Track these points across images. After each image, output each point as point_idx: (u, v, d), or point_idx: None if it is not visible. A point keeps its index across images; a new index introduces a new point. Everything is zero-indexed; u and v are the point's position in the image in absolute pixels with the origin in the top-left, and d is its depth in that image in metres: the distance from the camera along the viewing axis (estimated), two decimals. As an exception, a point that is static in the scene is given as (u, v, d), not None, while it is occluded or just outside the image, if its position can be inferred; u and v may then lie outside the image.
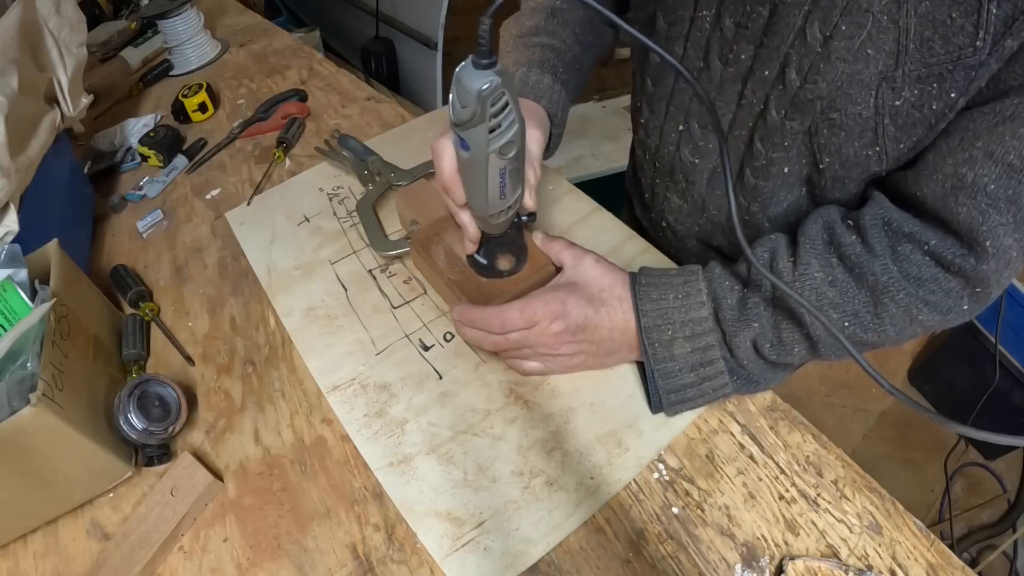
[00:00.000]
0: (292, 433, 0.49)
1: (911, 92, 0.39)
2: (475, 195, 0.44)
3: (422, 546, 0.42)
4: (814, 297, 0.42)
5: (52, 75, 0.68)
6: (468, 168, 0.42)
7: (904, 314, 0.41)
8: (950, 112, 0.38)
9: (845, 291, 0.42)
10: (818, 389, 1.57)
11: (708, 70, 0.49)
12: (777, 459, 0.44)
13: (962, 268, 0.38)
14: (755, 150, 0.49)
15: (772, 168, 0.49)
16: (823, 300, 0.42)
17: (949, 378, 1.47)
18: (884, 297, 0.41)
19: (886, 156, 0.43)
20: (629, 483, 0.44)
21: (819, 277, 0.42)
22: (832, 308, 0.42)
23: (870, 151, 0.43)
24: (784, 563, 0.39)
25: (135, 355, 0.54)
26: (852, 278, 0.42)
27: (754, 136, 0.48)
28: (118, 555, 0.42)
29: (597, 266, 0.48)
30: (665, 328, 0.45)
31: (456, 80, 0.36)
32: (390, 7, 1.83)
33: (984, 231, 0.36)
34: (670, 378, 0.45)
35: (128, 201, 0.75)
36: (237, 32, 1.07)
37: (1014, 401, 1.30)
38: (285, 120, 0.80)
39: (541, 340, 0.46)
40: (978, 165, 0.36)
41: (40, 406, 0.39)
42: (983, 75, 0.36)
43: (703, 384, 0.45)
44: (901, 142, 0.42)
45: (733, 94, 0.48)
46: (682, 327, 0.45)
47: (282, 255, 0.63)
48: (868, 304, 0.41)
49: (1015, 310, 1.27)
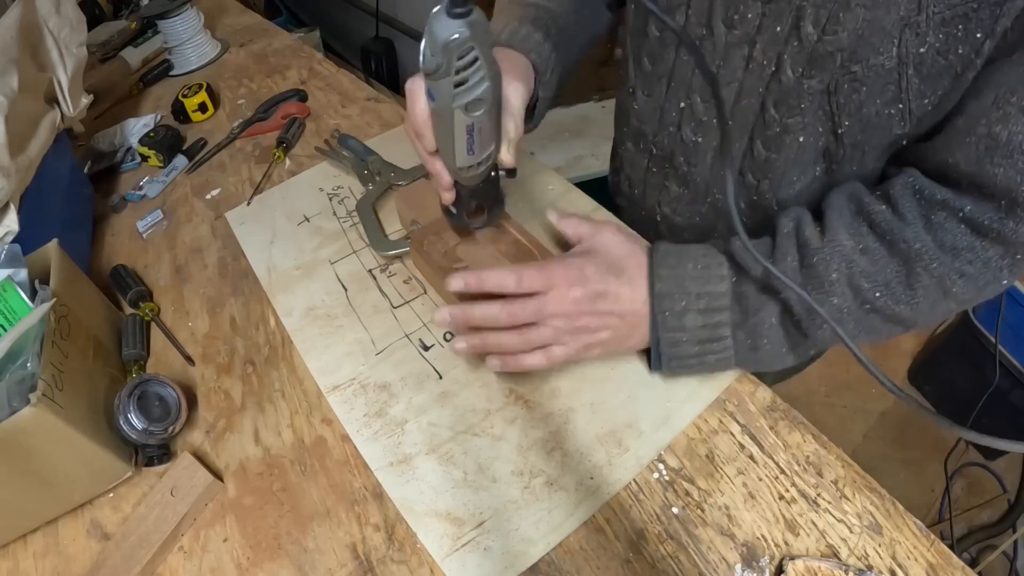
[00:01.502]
0: (292, 433, 0.49)
1: (935, 37, 0.37)
2: (443, 147, 0.42)
3: (422, 546, 0.42)
4: (844, 266, 0.41)
5: (52, 75, 0.68)
6: (436, 119, 0.40)
7: (937, 286, 0.40)
8: (976, 58, 0.37)
9: (876, 259, 0.40)
10: (818, 389, 1.57)
11: (712, 36, 0.47)
12: (777, 459, 0.44)
13: (1001, 233, 0.37)
14: (768, 117, 0.47)
15: (786, 137, 0.47)
16: (854, 269, 0.41)
17: (949, 378, 1.46)
18: (917, 266, 0.39)
19: (909, 115, 0.41)
20: (629, 483, 0.44)
21: (849, 245, 0.41)
22: (863, 277, 0.41)
23: (892, 108, 0.41)
24: (784, 563, 0.39)
25: (135, 355, 0.54)
26: (883, 246, 0.41)
27: (766, 102, 0.46)
28: (118, 555, 0.42)
29: (618, 234, 0.47)
30: (680, 297, 0.43)
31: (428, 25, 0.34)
32: (390, 7, 1.84)
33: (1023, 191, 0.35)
34: (675, 346, 0.44)
35: (128, 201, 0.75)
36: (237, 32, 1.07)
37: (1014, 401, 1.30)
38: (285, 120, 0.80)
39: (561, 308, 0.43)
40: (1012, 122, 0.35)
41: (40, 406, 0.39)
42: (1009, 12, 0.35)
43: (706, 356, 0.44)
44: (925, 96, 0.40)
45: (739, 59, 0.46)
46: (697, 299, 0.43)
47: (282, 255, 0.63)
48: (900, 273, 0.40)
49: (1015, 310, 1.27)
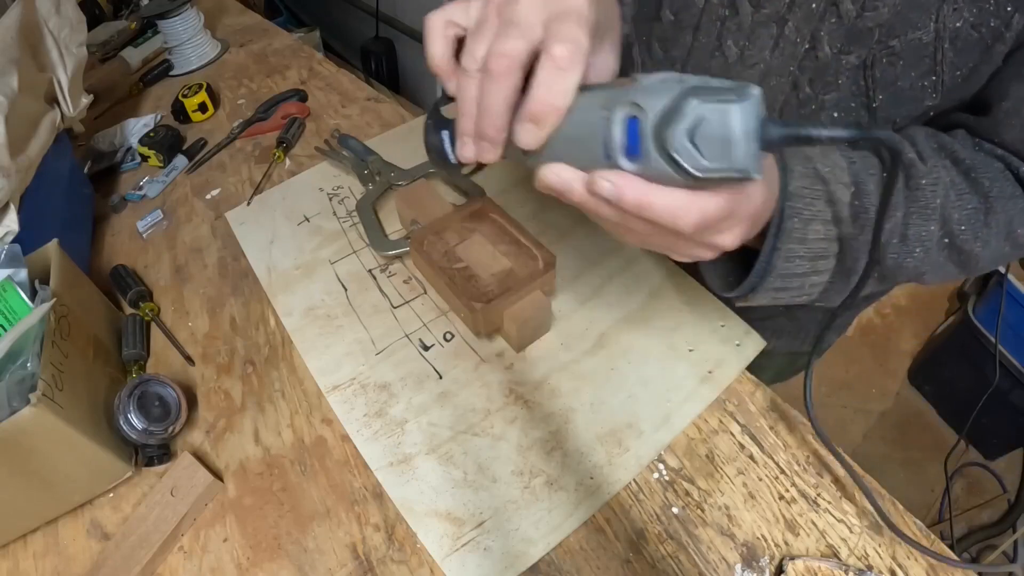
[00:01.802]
0: (292, 433, 0.49)
1: (969, 11, 0.38)
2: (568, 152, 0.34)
3: (422, 546, 0.42)
4: (943, 192, 0.40)
5: (52, 75, 0.68)
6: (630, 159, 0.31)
7: (1005, 227, 0.40)
8: (1007, 31, 0.37)
9: (962, 193, 0.40)
10: (818, 389, 1.57)
11: (736, 16, 0.45)
12: (777, 459, 0.44)
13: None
14: (803, 96, 0.46)
15: (821, 114, 0.46)
16: (950, 196, 0.40)
17: (949, 378, 1.46)
18: (996, 204, 0.40)
19: (941, 87, 0.42)
20: (629, 483, 0.44)
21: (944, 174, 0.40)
22: (953, 208, 0.40)
23: (926, 81, 0.42)
24: (784, 563, 0.39)
25: (135, 355, 0.54)
26: (966, 181, 0.41)
27: (799, 80, 0.45)
28: (118, 555, 0.42)
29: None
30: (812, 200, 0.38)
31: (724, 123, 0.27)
32: (390, 7, 1.84)
33: None
34: (790, 260, 0.39)
35: (128, 201, 0.75)
36: (237, 32, 1.07)
37: (1014, 401, 1.30)
38: (285, 120, 0.80)
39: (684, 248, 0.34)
40: None
41: (40, 406, 0.39)
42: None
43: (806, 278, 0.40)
44: (958, 68, 0.40)
45: (767, 39, 0.45)
46: (827, 205, 0.39)
47: (282, 255, 0.63)
48: (980, 209, 0.40)
49: (1015, 310, 1.27)
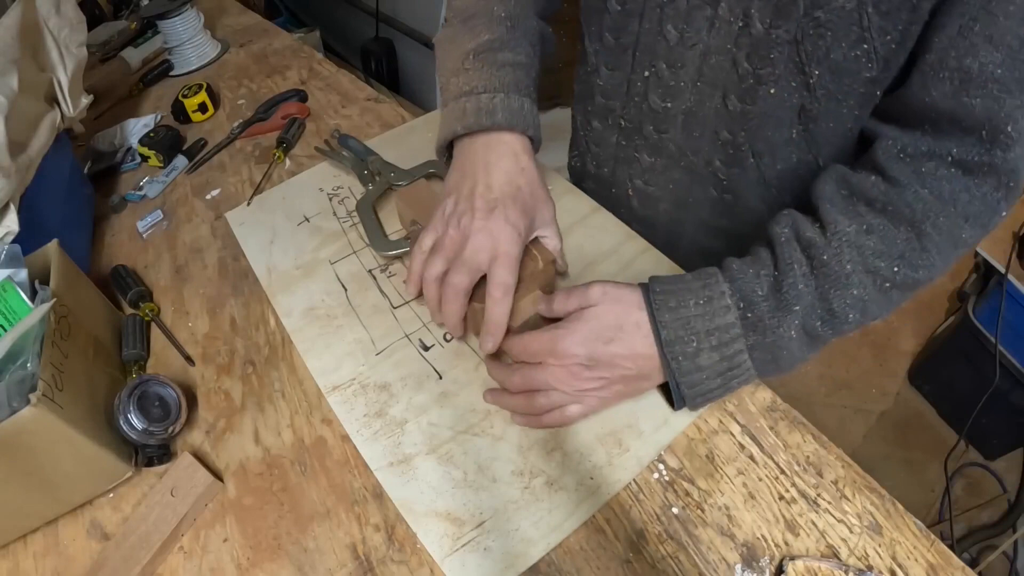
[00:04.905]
0: (292, 433, 0.49)
1: None
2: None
3: (422, 546, 0.42)
4: (855, 253, 0.41)
5: (52, 75, 0.68)
6: None
7: (948, 239, 0.40)
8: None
9: (885, 235, 0.41)
10: (818, 389, 1.57)
11: (673, 2, 0.49)
12: (777, 459, 0.44)
13: (991, 164, 0.38)
14: (742, 71, 0.48)
15: (759, 88, 0.48)
16: (865, 252, 0.41)
17: (949, 378, 1.46)
18: (925, 226, 0.40)
19: (875, 55, 0.42)
20: (629, 483, 0.44)
21: (853, 231, 0.41)
22: (877, 257, 0.41)
23: (858, 50, 0.43)
24: (784, 563, 0.39)
25: (135, 355, 0.54)
26: (887, 219, 0.41)
27: (737, 57, 0.47)
28: (118, 555, 0.42)
29: (604, 297, 0.45)
30: (689, 340, 0.42)
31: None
32: (390, 7, 1.83)
33: (1003, 117, 0.37)
34: (696, 386, 0.43)
35: (128, 201, 0.75)
36: (237, 32, 1.07)
37: (1014, 401, 1.30)
38: (285, 120, 0.80)
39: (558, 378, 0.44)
40: (980, 52, 0.37)
41: (40, 406, 0.39)
42: None
43: (730, 383, 0.44)
44: (888, 33, 0.41)
45: (703, 20, 0.48)
46: (708, 336, 0.42)
47: (282, 255, 0.63)
48: (911, 239, 0.41)
49: (1015, 310, 1.27)
